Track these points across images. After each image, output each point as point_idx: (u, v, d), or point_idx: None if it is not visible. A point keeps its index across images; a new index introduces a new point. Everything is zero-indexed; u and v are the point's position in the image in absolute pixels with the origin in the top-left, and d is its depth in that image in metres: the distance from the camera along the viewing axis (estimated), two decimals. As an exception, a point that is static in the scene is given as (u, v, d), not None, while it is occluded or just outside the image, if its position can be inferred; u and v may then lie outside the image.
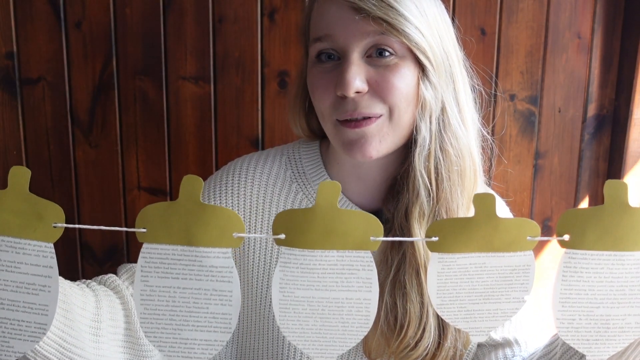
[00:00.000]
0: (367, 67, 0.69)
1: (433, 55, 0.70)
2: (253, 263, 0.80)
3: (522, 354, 0.77)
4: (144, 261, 0.48)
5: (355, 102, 0.69)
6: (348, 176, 0.79)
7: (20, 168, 0.46)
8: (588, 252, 0.48)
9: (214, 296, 0.48)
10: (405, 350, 0.74)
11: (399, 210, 0.74)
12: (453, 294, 0.50)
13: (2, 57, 1.08)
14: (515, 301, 0.50)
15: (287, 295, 0.49)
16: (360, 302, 0.49)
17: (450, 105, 0.73)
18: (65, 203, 1.13)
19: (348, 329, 0.49)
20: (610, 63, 1.10)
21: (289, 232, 0.48)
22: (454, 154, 0.72)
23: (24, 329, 0.48)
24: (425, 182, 0.72)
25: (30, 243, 0.47)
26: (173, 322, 0.49)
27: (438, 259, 0.49)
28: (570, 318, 0.50)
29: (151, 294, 0.48)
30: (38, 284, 0.47)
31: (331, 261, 0.48)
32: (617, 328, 0.50)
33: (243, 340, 0.84)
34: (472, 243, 0.48)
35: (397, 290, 0.73)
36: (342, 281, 0.48)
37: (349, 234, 0.48)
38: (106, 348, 0.64)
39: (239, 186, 0.79)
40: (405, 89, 0.69)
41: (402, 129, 0.72)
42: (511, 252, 0.49)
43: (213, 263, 0.48)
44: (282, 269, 0.48)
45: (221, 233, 0.47)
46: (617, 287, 0.49)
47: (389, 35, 0.67)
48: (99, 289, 0.67)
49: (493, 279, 0.49)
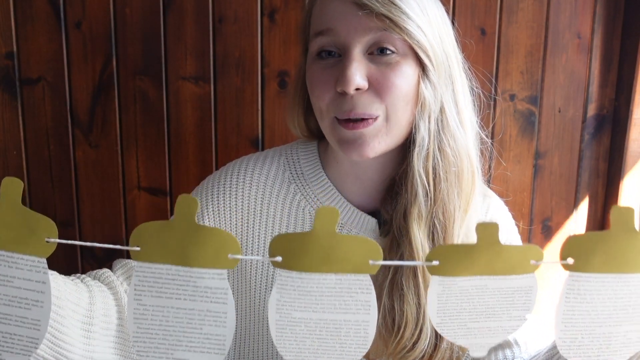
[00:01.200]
0: (368, 64, 0.69)
1: (434, 55, 0.70)
2: (252, 266, 0.80)
3: (522, 356, 0.77)
4: (137, 280, 0.47)
5: (354, 100, 0.69)
6: (346, 176, 0.79)
7: (12, 179, 0.45)
8: (592, 275, 0.48)
9: (208, 317, 0.48)
10: (403, 352, 0.74)
11: (397, 211, 0.74)
12: (453, 314, 0.49)
13: (2, 57, 1.08)
14: (517, 319, 0.50)
15: (284, 316, 0.48)
16: (359, 324, 0.48)
17: (449, 106, 0.73)
18: (65, 203, 1.13)
19: (346, 350, 0.49)
20: (610, 63, 1.10)
21: (286, 255, 0.47)
22: (452, 155, 0.72)
23: (16, 343, 0.47)
24: (424, 182, 0.72)
25: (23, 257, 0.46)
26: (166, 341, 0.48)
27: (438, 281, 0.48)
28: (573, 337, 0.49)
29: (144, 313, 0.48)
30: (30, 298, 0.47)
31: (329, 284, 0.48)
32: (619, 344, 0.50)
33: (242, 343, 0.84)
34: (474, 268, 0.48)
35: (394, 292, 0.73)
36: (340, 304, 0.48)
37: (347, 259, 0.47)
38: (97, 344, 0.64)
39: (237, 187, 0.79)
40: (405, 88, 0.69)
41: (400, 128, 0.72)
42: (513, 275, 0.48)
43: (208, 284, 0.47)
44: (278, 290, 0.48)
45: (216, 254, 0.47)
46: (621, 306, 0.49)
47: (391, 33, 0.67)
48: (93, 284, 0.67)
49: (495, 299, 0.49)
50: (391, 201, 0.76)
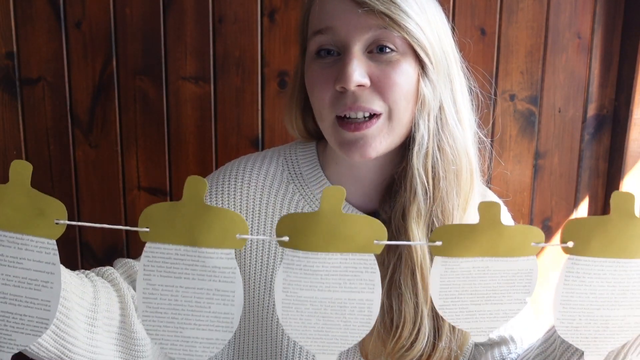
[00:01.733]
0: (369, 62, 0.69)
1: (433, 53, 0.70)
2: (251, 265, 0.79)
3: (518, 351, 0.78)
4: (146, 260, 0.48)
5: (356, 95, 0.68)
6: (345, 177, 0.79)
7: (21, 162, 0.45)
8: (591, 259, 0.49)
9: (216, 296, 0.49)
10: (401, 351, 0.74)
11: (396, 210, 0.74)
12: (455, 295, 0.50)
13: (2, 57, 1.08)
14: (517, 302, 0.51)
15: (290, 295, 0.49)
16: (363, 302, 0.49)
17: (448, 105, 0.73)
18: (66, 203, 1.12)
19: (350, 327, 0.50)
20: (610, 63, 1.10)
21: (293, 235, 0.48)
22: (451, 154, 0.72)
23: (26, 323, 0.48)
24: (423, 181, 0.72)
25: (33, 239, 0.47)
26: (175, 320, 0.49)
27: (441, 262, 0.49)
28: (570, 318, 0.50)
29: (153, 292, 0.49)
30: (40, 279, 0.47)
31: (334, 263, 0.48)
32: (616, 327, 0.51)
33: (242, 341, 0.84)
34: (476, 248, 0.49)
35: (393, 292, 0.73)
36: (345, 282, 0.49)
37: (352, 238, 0.48)
38: (100, 339, 0.64)
39: (235, 187, 0.79)
40: (405, 86, 0.69)
41: (401, 127, 0.72)
42: (515, 257, 0.49)
43: (216, 264, 0.48)
44: (285, 270, 0.49)
45: (224, 234, 0.47)
46: (619, 291, 0.50)
47: (390, 30, 0.67)
48: (97, 280, 0.67)
49: (496, 282, 0.50)
50: (389, 201, 0.76)
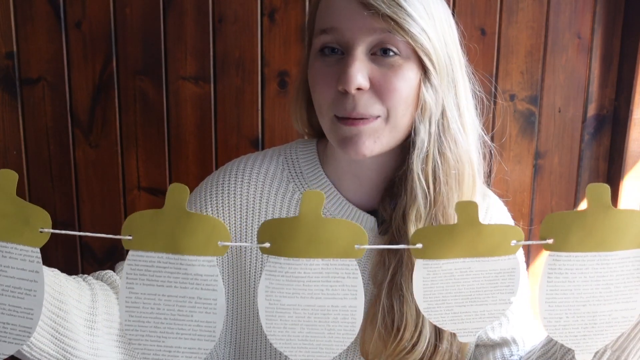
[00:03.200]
0: (371, 64, 0.69)
1: (437, 59, 0.70)
2: (247, 265, 0.79)
3: (520, 353, 0.78)
4: (129, 268, 0.48)
5: (355, 99, 0.68)
6: (344, 175, 0.79)
7: (7, 171, 0.46)
8: (572, 254, 0.49)
9: (198, 304, 0.49)
10: (402, 354, 0.74)
11: (396, 212, 0.74)
12: (439, 298, 0.50)
13: (2, 57, 1.08)
14: (502, 302, 0.51)
15: (273, 303, 0.49)
16: (346, 309, 0.49)
17: (451, 110, 0.73)
18: (65, 203, 1.13)
19: (334, 336, 0.49)
20: (610, 63, 1.10)
21: (274, 241, 0.48)
22: (453, 159, 0.72)
23: (9, 332, 0.48)
24: (422, 185, 0.72)
25: (17, 247, 0.47)
26: (157, 329, 0.49)
27: (423, 265, 0.49)
28: (557, 317, 0.50)
29: (136, 301, 0.49)
30: (24, 287, 0.47)
31: (316, 269, 0.48)
32: (604, 323, 0.51)
33: (241, 342, 0.84)
34: (457, 249, 0.49)
35: (394, 293, 0.73)
36: (328, 289, 0.49)
37: (333, 243, 0.48)
38: (101, 342, 0.64)
39: (235, 186, 0.79)
40: (405, 91, 0.69)
41: (399, 130, 0.72)
42: (496, 257, 0.49)
43: (198, 271, 0.48)
44: (267, 277, 0.49)
45: (206, 241, 0.47)
46: (603, 285, 0.50)
47: (395, 34, 0.67)
48: (95, 283, 0.67)
49: (479, 283, 0.50)
50: (390, 201, 0.76)
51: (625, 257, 0.49)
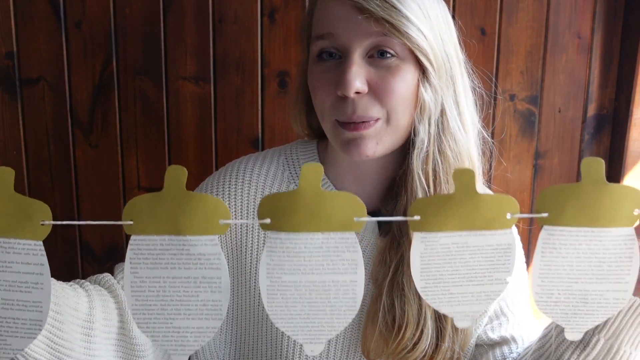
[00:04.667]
0: (368, 67, 0.69)
1: (434, 58, 0.70)
2: (252, 265, 0.79)
3: (519, 351, 0.78)
4: (132, 253, 0.48)
5: (355, 103, 0.69)
6: (346, 176, 0.79)
7: (4, 168, 0.46)
8: (566, 229, 0.49)
9: (203, 284, 0.49)
10: (403, 352, 0.74)
11: (397, 211, 0.74)
12: (436, 276, 0.50)
13: (2, 57, 1.08)
14: (498, 282, 0.50)
15: (275, 280, 0.49)
16: (347, 284, 0.49)
17: (450, 108, 0.73)
18: (65, 203, 1.13)
19: (336, 313, 0.49)
20: (610, 63, 1.10)
21: (274, 216, 0.48)
22: (453, 157, 0.72)
23: (20, 327, 0.48)
24: (423, 185, 0.72)
25: (20, 242, 0.47)
26: (164, 311, 0.49)
27: (421, 238, 0.49)
28: (549, 292, 0.50)
29: (141, 285, 0.49)
30: (30, 281, 0.48)
31: (316, 244, 0.48)
32: (595, 303, 0.51)
33: (242, 341, 0.84)
34: (454, 220, 0.49)
35: (395, 291, 0.73)
36: (328, 264, 0.49)
37: (332, 216, 0.48)
38: (99, 348, 0.64)
39: (235, 187, 0.79)
40: (404, 92, 0.69)
41: (400, 131, 0.72)
42: (492, 230, 0.49)
43: (201, 251, 0.48)
44: (268, 254, 0.49)
45: (207, 221, 0.48)
46: (595, 263, 0.50)
47: (391, 37, 0.67)
48: (92, 288, 0.67)
49: (475, 259, 0.50)
50: (391, 201, 0.76)
51: (618, 234, 0.49)
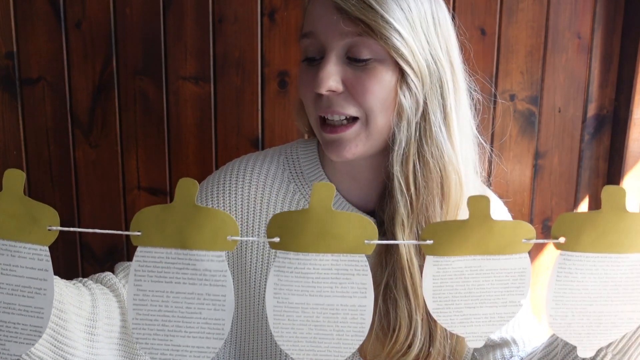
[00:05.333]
0: (345, 67, 0.69)
1: (415, 61, 0.68)
2: (250, 264, 0.79)
3: (520, 354, 0.77)
4: (137, 265, 0.47)
5: (330, 100, 0.70)
6: (343, 176, 0.79)
7: (14, 171, 0.46)
8: (584, 254, 0.49)
9: (207, 301, 0.48)
10: (398, 355, 0.74)
11: (388, 214, 0.74)
12: (449, 298, 0.49)
13: (2, 57, 1.08)
14: (512, 305, 0.50)
15: (282, 301, 0.48)
16: (355, 308, 0.48)
17: (434, 112, 0.71)
18: (65, 203, 1.13)
19: (343, 337, 0.48)
20: (610, 63, 1.10)
21: (284, 235, 0.47)
22: (433, 163, 0.71)
23: (20, 332, 0.47)
24: (402, 188, 0.71)
25: (26, 246, 0.47)
26: (165, 328, 0.48)
27: (433, 262, 0.48)
28: (563, 315, 0.50)
29: (144, 299, 0.48)
30: (33, 287, 0.47)
31: (326, 265, 0.47)
32: (609, 323, 0.50)
33: (242, 341, 0.84)
34: (467, 246, 0.48)
35: (388, 295, 0.74)
36: (337, 286, 0.47)
37: (343, 237, 0.47)
38: (101, 347, 0.64)
39: (236, 187, 0.79)
40: (381, 94, 0.69)
41: (379, 133, 0.71)
42: (507, 255, 0.48)
43: (207, 266, 0.47)
44: (276, 273, 0.47)
45: (215, 236, 0.47)
46: (611, 286, 0.49)
47: (366, 38, 0.67)
48: (95, 287, 0.67)
49: (489, 282, 0.49)
50: (385, 203, 0.76)
51: (636, 260, 0.49)
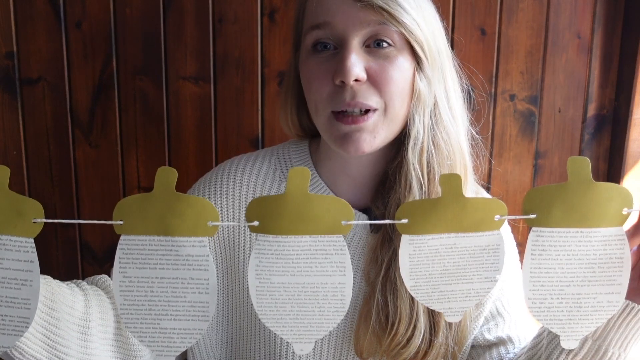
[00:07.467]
0: (366, 56, 0.69)
1: (428, 49, 0.71)
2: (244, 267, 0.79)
3: (516, 351, 0.78)
4: (121, 253, 0.49)
5: (354, 90, 0.69)
6: (337, 173, 0.79)
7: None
8: (555, 230, 0.49)
9: (191, 285, 0.49)
10: (397, 349, 0.74)
11: (389, 206, 0.74)
12: (426, 275, 0.50)
13: (2, 57, 1.08)
14: (487, 281, 0.51)
15: (263, 282, 0.49)
16: (335, 286, 0.49)
17: (442, 101, 0.74)
18: (65, 203, 1.13)
19: (324, 314, 0.50)
20: (610, 63, 1.10)
21: (262, 219, 0.48)
22: (445, 149, 0.73)
23: (7, 324, 0.48)
24: (418, 176, 0.72)
25: (11, 239, 0.48)
26: (152, 312, 0.50)
27: (409, 241, 0.49)
28: (542, 297, 0.50)
29: (130, 285, 0.49)
30: (20, 278, 0.48)
31: (304, 246, 0.49)
32: (589, 307, 0.50)
33: (237, 342, 0.84)
34: (442, 224, 0.49)
35: (387, 288, 0.73)
36: (316, 266, 0.49)
37: (320, 219, 0.48)
38: (95, 347, 0.64)
39: (227, 187, 0.80)
40: (401, 82, 0.70)
41: (397, 123, 0.72)
42: (480, 232, 0.49)
43: (189, 252, 0.49)
44: (257, 255, 0.49)
45: (196, 222, 0.48)
46: (586, 264, 0.50)
47: (388, 26, 0.68)
48: (89, 288, 0.67)
49: (464, 259, 0.50)
50: (382, 197, 0.76)
51: (608, 235, 0.49)
